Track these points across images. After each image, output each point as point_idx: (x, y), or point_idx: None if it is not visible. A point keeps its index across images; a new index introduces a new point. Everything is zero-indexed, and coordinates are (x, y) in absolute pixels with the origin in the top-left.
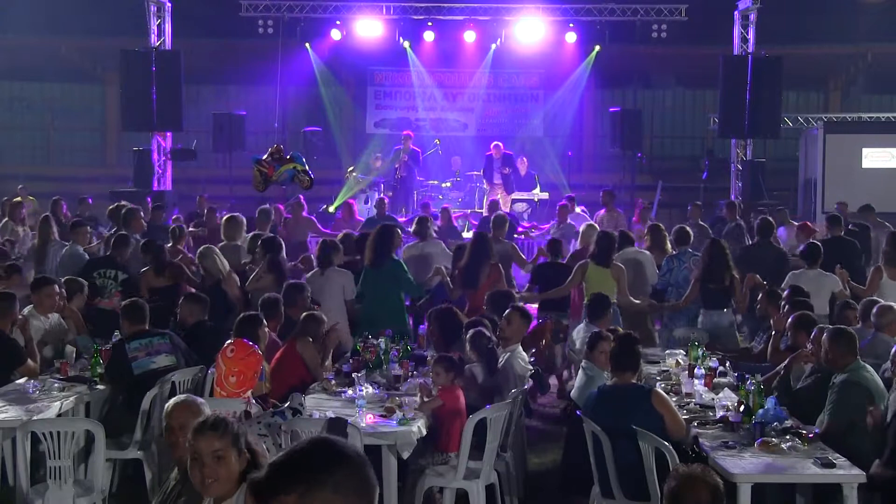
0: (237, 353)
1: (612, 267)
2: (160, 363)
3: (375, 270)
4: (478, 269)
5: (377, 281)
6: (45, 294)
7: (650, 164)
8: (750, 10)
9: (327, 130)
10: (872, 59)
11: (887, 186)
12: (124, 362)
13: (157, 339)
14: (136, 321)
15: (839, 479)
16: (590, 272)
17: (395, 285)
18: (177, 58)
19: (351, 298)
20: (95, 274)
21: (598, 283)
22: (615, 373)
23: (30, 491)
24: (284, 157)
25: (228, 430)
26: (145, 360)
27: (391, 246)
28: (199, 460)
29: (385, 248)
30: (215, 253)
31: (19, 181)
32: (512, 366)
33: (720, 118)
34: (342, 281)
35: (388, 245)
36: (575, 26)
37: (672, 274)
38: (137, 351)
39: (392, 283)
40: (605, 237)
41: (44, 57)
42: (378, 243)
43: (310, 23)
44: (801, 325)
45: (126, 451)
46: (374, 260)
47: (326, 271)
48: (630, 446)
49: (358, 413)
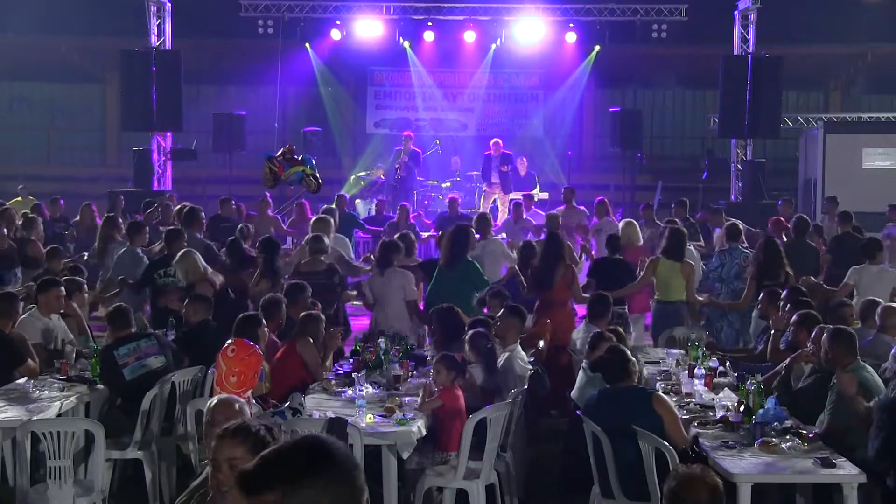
0: (238, 353)
1: (682, 263)
2: (151, 365)
3: (450, 271)
4: (552, 269)
5: (452, 281)
6: (52, 295)
7: (650, 164)
8: (750, 10)
9: (327, 130)
10: (872, 59)
11: (887, 186)
12: (114, 369)
13: (145, 342)
14: (121, 326)
15: (839, 479)
16: (660, 268)
17: (469, 286)
18: (177, 58)
19: (412, 299)
20: (156, 275)
21: (668, 280)
22: (609, 384)
23: (30, 491)
24: (295, 159)
25: (249, 439)
26: (136, 364)
27: (467, 246)
28: (217, 466)
29: (461, 248)
30: (195, 254)
31: (19, 181)
32: (511, 366)
33: (720, 118)
34: (402, 281)
35: (465, 245)
36: (575, 26)
37: (724, 269)
38: (126, 357)
39: (467, 284)
40: (676, 233)
41: (44, 57)
42: (454, 243)
43: (310, 23)
44: (803, 322)
45: (126, 451)
46: (449, 260)
47: (386, 272)
48: (630, 446)
49: (358, 413)
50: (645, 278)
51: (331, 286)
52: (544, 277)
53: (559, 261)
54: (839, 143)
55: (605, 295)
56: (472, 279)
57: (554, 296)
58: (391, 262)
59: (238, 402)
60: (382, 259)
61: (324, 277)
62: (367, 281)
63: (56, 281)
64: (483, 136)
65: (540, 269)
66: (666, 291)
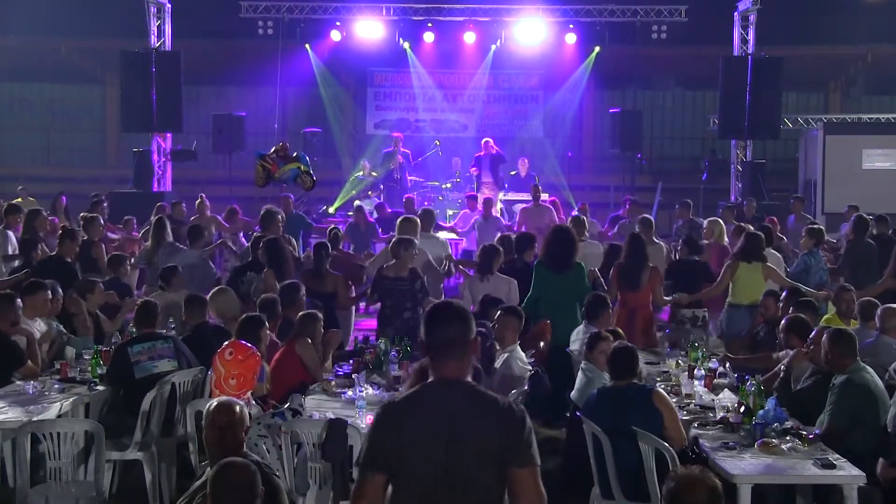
0: (236, 356)
1: (763, 265)
2: (162, 368)
3: (558, 275)
4: (639, 270)
5: (560, 287)
6: (39, 298)
7: (650, 165)
8: (750, 11)
9: (327, 131)
10: (872, 59)
11: (887, 187)
12: (126, 366)
13: (161, 343)
14: (146, 323)
15: (839, 479)
16: (739, 271)
17: (577, 292)
18: (177, 59)
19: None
20: (239, 282)
21: (748, 281)
22: (613, 380)
23: (30, 492)
24: (289, 156)
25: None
26: (147, 363)
27: (575, 249)
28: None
29: (570, 251)
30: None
31: (19, 182)
32: (510, 367)
33: (720, 119)
34: (505, 288)
35: (573, 248)
36: (575, 27)
37: (810, 273)
38: (140, 354)
39: (575, 290)
40: (753, 236)
41: (44, 58)
42: (562, 246)
43: (310, 24)
44: (790, 328)
45: (126, 453)
46: (558, 264)
47: (489, 278)
48: (630, 447)
49: (358, 414)
50: (723, 282)
51: (413, 292)
52: (632, 279)
53: (645, 262)
54: (839, 143)
55: (603, 296)
56: (582, 284)
57: (640, 298)
58: (492, 267)
59: (238, 404)
60: (484, 265)
61: (408, 283)
62: (468, 284)
63: (41, 284)
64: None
65: (627, 270)
66: (740, 295)
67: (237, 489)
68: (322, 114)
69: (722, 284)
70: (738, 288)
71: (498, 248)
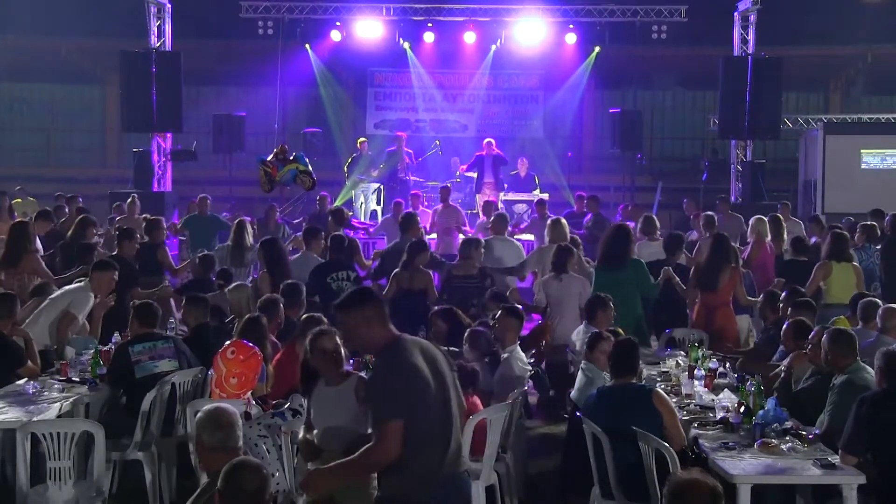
0: (238, 355)
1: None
2: (163, 368)
3: (615, 272)
4: (718, 270)
5: (618, 284)
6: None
7: (650, 165)
8: (750, 11)
9: (327, 131)
10: (872, 59)
11: (887, 187)
12: (127, 365)
13: (162, 343)
14: (146, 323)
15: (839, 480)
16: (835, 271)
17: (636, 288)
18: (177, 59)
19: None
20: (329, 279)
21: (841, 281)
22: (614, 377)
23: (30, 492)
24: (288, 158)
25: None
26: (148, 363)
27: (631, 245)
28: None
29: (625, 247)
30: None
31: (19, 182)
32: (511, 367)
33: (720, 119)
34: (579, 287)
35: (628, 244)
36: (575, 27)
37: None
38: (140, 354)
39: (633, 286)
40: (839, 236)
41: (44, 58)
42: (617, 243)
43: (310, 24)
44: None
45: (126, 453)
46: (614, 260)
47: (563, 277)
48: (630, 447)
49: None
50: (814, 283)
51: (482, 290)
52: (709, 279)
53: (726, 263)
54: (839, 144)
55: (602, 296)
56: (640, 279)
57: (719, 298)
58: (566, 266)
59: (225, 414)
60: (559, 263)
61: (477, 282)
62: (542, 284)
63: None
64: (483, 138)
65: (705, 270)
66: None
67: (248, 491)
68: (322, 114)
69: (813, 286)
70: (833, 288)
71: (571, 248)
